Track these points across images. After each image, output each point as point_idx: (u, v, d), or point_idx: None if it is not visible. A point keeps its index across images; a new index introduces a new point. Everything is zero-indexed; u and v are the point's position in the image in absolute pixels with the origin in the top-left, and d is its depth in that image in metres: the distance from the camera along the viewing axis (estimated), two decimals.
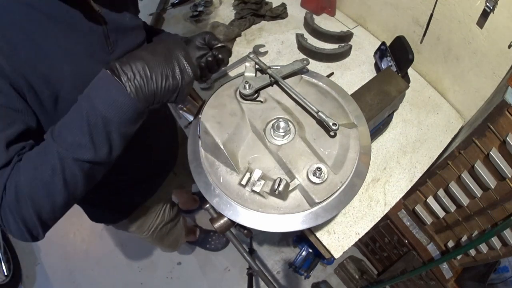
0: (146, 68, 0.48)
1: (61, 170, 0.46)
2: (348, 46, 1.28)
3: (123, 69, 0.47)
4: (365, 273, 1.74)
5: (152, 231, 1.12)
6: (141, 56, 0.49)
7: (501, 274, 1.15)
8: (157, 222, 1.13)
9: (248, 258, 0.80)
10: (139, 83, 0.47)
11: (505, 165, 0.84)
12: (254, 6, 1.38)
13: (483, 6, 0.89)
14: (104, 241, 1.96)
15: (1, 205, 0.47)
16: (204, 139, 0.61)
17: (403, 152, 1.09)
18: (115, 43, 0.64)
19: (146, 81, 0.48)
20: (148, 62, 0.48)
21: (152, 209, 1.07)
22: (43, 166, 0.46)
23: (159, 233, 1.18)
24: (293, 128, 0.61)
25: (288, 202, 0.55)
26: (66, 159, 0.46)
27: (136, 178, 0.91)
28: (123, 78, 0.47)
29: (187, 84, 0.52)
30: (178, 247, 1.48)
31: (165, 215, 1.16)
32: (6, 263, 1.76)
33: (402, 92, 0.92)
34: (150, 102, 0.50)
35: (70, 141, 0.46)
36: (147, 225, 1.10)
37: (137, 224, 1.06)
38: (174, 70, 0.50)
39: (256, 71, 0.66)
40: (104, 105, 0.46)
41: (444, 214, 1.13)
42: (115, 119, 0.47)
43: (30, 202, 0.47)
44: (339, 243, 0.93)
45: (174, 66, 0.50)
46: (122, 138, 0.50)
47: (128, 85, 0.47)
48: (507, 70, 0.93)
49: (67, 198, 0.49)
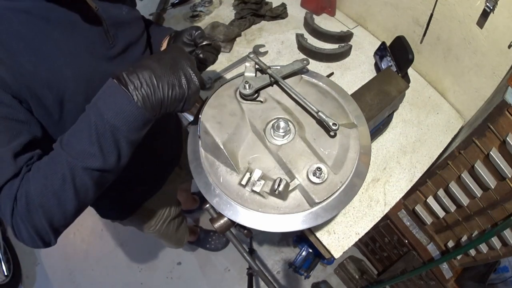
0: (153, 77, 0.48)
1: (71, 178, 0.47)
2: (348, 46, 1.28)
3: (130, 78, 0.47)
4: (365, 273, 1.74)
5: (158, 226, 1.13)
6: (147, 65, 0.49)
7: (501, 274, 1.15)
8: (164, 217, 1.13)
9: (248, 258, 0.80)
10: (146, 92, 0.47)
11: (505, 165, 0.84)
12: (254, 6, 1.38)
13: (483, 6, 0.89)
14: (104, 241, 1.95)
15: (12, 215, 0.48)
16: (204, 139, 0.61)
17: (403, 152, 1.09)
18: (115, 37, 0.64)
19: (153, 90, 0.48)
20: (155, 71, 0.48)
21: (158, 205, 1.08)
22: (53, 176, 0.47)
23: (166, 229, 1.19)
24: (293, 128, 0.61)
25: (288, 202, 0.55)
26: (76, 168, 0.47)
27: (141, 176, 0.92)
28: (130, 87, 0.47)
29: (193, 93, 0.51)
30: (184, 244, 1.49)
31: (171, 211, 1.17)
32: (6, 263, 1.76)
33: (402, 92, 0.92)
34: (157, 111, 0.50)
35: (79, 150, 0.47)
36: (154, 220, 1.11)
37: (143, 220, 1.07)
38: (180, 80, 0.50)
39: (256, 71, 0.66)
40: (112, 114, 0.46)
41: (444, 214, 1.13)
42: (123, 128, 0.47)
43: (41, 211, 0.47)
44: (339, 243, 0.93)
45: (180, 75, 0.50)
46: (130, 146, 0.51)
47: (135, 93, 0.47)
48: (507, 70, 0.93)
49: (77, 205, 0.50)
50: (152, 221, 1.10)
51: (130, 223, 1.06)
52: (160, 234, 1.18)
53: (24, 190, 0.47)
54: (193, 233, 1.82)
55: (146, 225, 1.09)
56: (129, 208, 0.99)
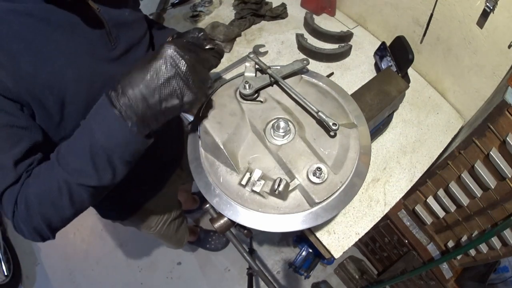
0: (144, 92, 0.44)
1: (67, 192, 0.49)
2: (348, 46, 1.28)
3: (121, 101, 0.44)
4: (365, 273, 1.74)
5: (159, 227, 1.13)
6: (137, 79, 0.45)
7: (501, 274, 1.15)
8: (164, 219, 1.14)
9: (248, 258, 0.80)
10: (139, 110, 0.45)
11: (505, 165, 0.84)
12: (254, 6, 1.38)
13: (483, 6, 0.89)
14: (104, 241, 1.95)
15: (14, 217, 0.51)
16: (204, 139, 0.61)
17: (403, 152, 1.09)
18: (117, 38, 0.64)
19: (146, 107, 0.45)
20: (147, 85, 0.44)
21: (158, 206, 1.08)
22: (51, 187, 0.49)
23: (167, 230, 1.19)
24: (293, 128, 0.61)
25: (288, 202, 0.55)
26: (71, 183, 0.49)
27: (141, 177, 0.91)
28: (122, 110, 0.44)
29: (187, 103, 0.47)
30: (184, 245, 1.49)
31: (171, 212, 1.17)
32: (6, 263, 1.76)
33: (402, 92, 0.92)
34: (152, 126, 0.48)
35: (73, 167, 0.48)
36: (154, 222, 1.11)
37: (143, 220, 1.07)
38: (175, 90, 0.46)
39: (256, 71, 0.66)
40: (105, 138, 0.46)
41: (444, 214, 1.13)
42: (117, 150, 0.47)
43: (40, 216, 0.50)
44: (339, 243, 0.93)
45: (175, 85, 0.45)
46: (125, 165, 0.50)
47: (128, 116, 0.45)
48: (507, 70, 0.93)
49: (74, 212, 0.53)
50: (152, 222, 1.10)
51: (130, 223, 1.05)
52: (160, 235, 1.18)
53: (24, 195, 0.49)
54: (193, 233, 1.82)
55: (146, 226, 1.09)
56: (129, 209, 0.99)
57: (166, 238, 1.27)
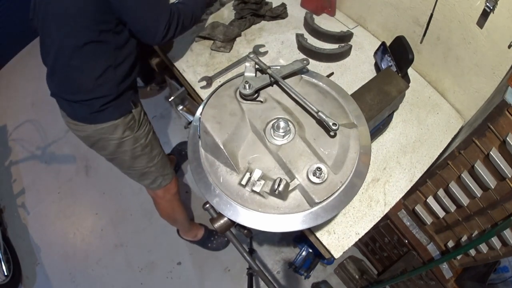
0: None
1: (191, 13, 1.07)
2: (348, 46, 1.28)
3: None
4: (365, 273, 1.74)
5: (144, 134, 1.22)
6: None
7: (501, 274, 1.15)
8: (148, 128, 1.24)
9: (248, 258, 0.80)
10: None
11: (505, 165, 0.84)
12: (254, 6, 1.38)
13: (483, 6, 0.89)
14: (104, 241, 1.96)
15: (171, 15, 0.98)
16: (204, 139, 0.61)
17: (403, 152, 1.09)
18: None
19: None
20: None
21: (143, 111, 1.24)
22: (187, 12, 1.05)
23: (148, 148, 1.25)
24: (293, 128, 0.61)
25: (288, 202, 0.55)
26: (194, 13, 1.09)
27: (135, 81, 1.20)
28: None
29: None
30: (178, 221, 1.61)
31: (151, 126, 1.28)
32: (6, 263, 1.75)
33: (402, 92, 0.92)
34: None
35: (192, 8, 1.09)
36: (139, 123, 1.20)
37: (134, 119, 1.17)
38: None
39: (256, 71, 0.66)
40: None
41: (444, 214, 1.13)
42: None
43: (183, 18, 1.03)
44: (339, 243, 0.93)
45: None
46: (202, 11, 1.19)
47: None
48: (507, 70, 0.93)
49: (194, 22, 1.12)
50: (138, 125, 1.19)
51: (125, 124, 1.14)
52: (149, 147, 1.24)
53: (176, 7, 1.01)
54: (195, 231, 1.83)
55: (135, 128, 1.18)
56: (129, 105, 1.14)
57: (145, 176, 1.32)
